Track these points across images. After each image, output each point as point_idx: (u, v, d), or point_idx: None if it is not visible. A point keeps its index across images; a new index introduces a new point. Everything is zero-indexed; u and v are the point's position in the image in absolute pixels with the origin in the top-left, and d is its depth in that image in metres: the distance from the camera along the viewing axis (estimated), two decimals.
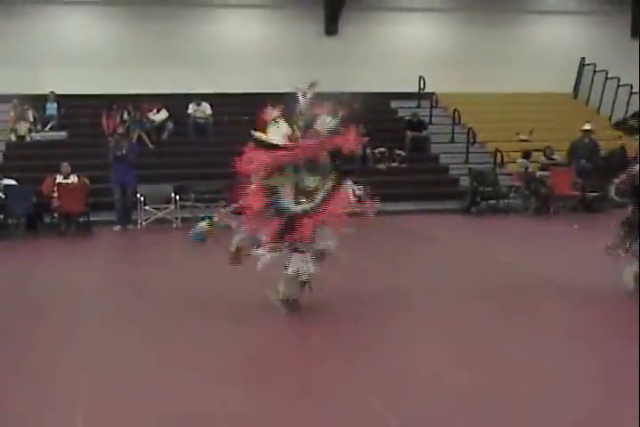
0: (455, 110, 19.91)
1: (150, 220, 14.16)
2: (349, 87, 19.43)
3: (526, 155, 17.18)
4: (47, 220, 13.83)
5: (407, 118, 19.47)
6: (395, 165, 18.11)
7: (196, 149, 17.58)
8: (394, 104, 21.00)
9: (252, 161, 6.97)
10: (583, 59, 21.90)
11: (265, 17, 21.35)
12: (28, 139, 17.74)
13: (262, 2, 21.34)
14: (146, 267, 9.73)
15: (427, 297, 7.53)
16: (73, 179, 14.03)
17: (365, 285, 8.25)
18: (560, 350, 5.60)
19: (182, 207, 14.39)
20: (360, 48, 21.21)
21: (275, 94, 19.88)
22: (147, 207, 14.25)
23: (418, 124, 19.13)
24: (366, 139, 17.63)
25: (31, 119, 17.87)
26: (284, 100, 7.29)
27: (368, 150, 17.98)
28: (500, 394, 4.65)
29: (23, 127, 17.71)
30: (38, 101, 18.25)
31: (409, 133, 18.90)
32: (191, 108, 18.33)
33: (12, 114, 17.83)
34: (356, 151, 17.76)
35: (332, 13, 21.29)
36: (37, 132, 17.89)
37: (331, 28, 21.47)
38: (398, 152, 18.31)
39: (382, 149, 18.13)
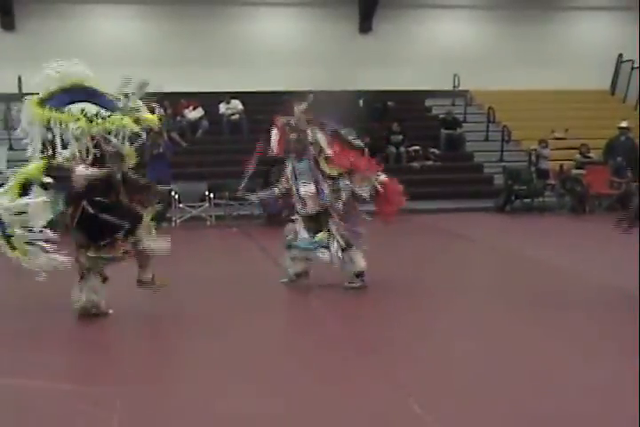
0: (490, 108, 19.78)
1: (184, 218, 14.21)
2: (383, 85, 19.51)
3: (543, 143, 17.15)
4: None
5: (441, 116, 19.40)
6: (429, 163, 18.03)
7: (230, 146, 17.62)
8: (428, 102, 20.91)
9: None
10: (620, 55, 21.64)
11: (299, 15, 21.35)
12: None
13: (297, 0, 21.34)
14: (194, 266, 9.58)
15: (462, 296, 7.45)
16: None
17: (399, 283, 8.19)
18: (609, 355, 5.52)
19: (216, 205, 14.44)
20: (394, 46, 21.15)
21: (309, 92, 19.97)
22: (181, 205, 14.31)
23: (452, 123, 19.03)
24: (400, 137, 17.83)
25: None
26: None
27: (402, 149, 17.93)
28: (539, 392, 4.58)
29: None
30: None
31: (443, 132, 18.82)
32: (222, 108, 18.41)
33: None
34: (389, 150, 17.76)
35: (367, 11, 21.24)
36: None
37: (365, 26, 21.42)
38: (432, 150, 18.24)
39: (416, 148, 18.07)
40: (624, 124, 17.15)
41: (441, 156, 18.29)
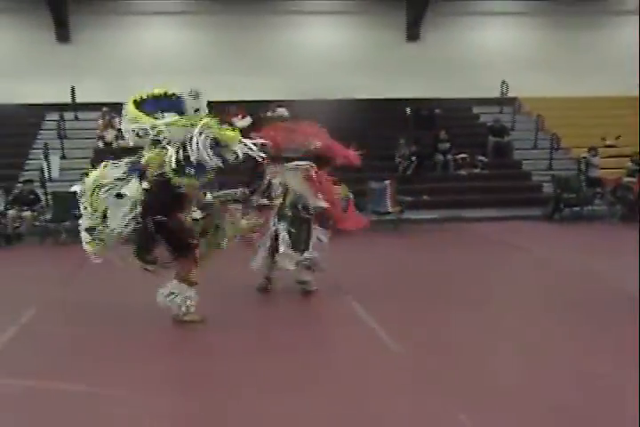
0: (539, 115, 19.64)
1: None
2: (430, 93, 19.51)
3: (592, 151, 16.99)
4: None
5: (489, 124, 19.31)
6: (476, 171, 17.96)
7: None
8: (476, 110, 20.82)
9: None
10: None
11: (346, 23, 21.43)
12: (114, 145, 18.19)
13: (343, 8, 21.42)
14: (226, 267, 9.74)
15: (512, 308, 7.43)
16: None
17: (447, 294, 8.20)
18: None
19: None
20: (442, 53, 21.13)
21: (356, 100, 20.19)
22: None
23: (500, 130, 18.94)
24: (448, 145, 17.80)
25: (118, 127, 18.32)
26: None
27: (449, 156, 17.90)
28: (598, 411, 4.56)
29: (110, 134, 18.18)
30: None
31: (491, 139, 18.74)
32: (269, 115, 18.48)
33: (100, 122, 18.36)
34: (436, 158, 17.74)
35: (415, 19, 21.26)
36: (123, 139, 18.29)
37: (412, 34, 21.44)
38: (480, 158, 18.17)
39: (464, 155, 18.01)
40: None
41: (488, 163, 18.21)
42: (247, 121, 7.23)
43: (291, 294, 7.80)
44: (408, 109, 19.51)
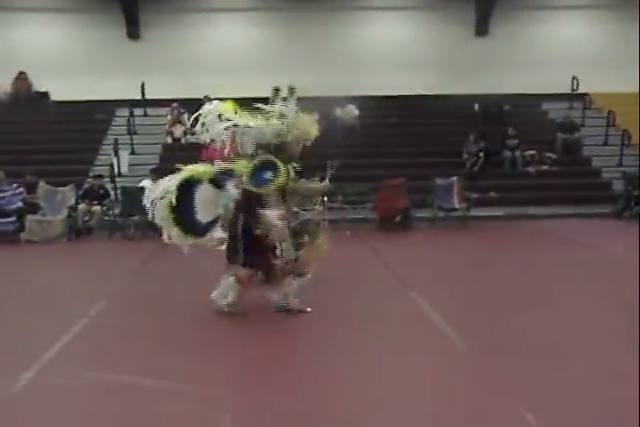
0: (610, 111, 19.26)
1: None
2: (499, 89, 19.29)
3: None
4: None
5: (559, 120, 19.02)
6: (545, 168, 17.71)
7: (342, 151, 17.73)
8: (545, 106, 20.52)
9: None
10: None
11: (414, 19, 21.32)
12: (182, 141, 18.41)
13: (412, 4, 21.32)
14: None
15: (578, 307, 7.31)
16: None
17: (513, 292, 8.10)
18: None
19: (329, 209, 14.54)
20: (511, 49, 20.89)
21: (424, 97, 20.09)
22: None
23: (570, 126, 18.64)
24: (516, 141, 17.60)
25: (187, 122, 18.54)
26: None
27: (517, 153, 17.69)
28: None
29: (179, 130, 18.41)
30: (194, 105, 18.89)
31: (560, 135, 18.45)
32: (338, 112, 18.54)
33: (169, 117, 18.61)
34: (504, 154, 17.55)
35: (484, 14, 21.05)
36: (192, 134, 18.51)
37: (481, 29, 21.22)
38: (549, 155, 17.91)
39: (532, 152, 17.78)
40: None
41: (557, 160, 17.93)
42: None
43: (354, 291, 7.80)
44: (476, 105, 19.34)
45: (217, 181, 6.94)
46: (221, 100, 7.10)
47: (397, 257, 8.17)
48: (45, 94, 20.65)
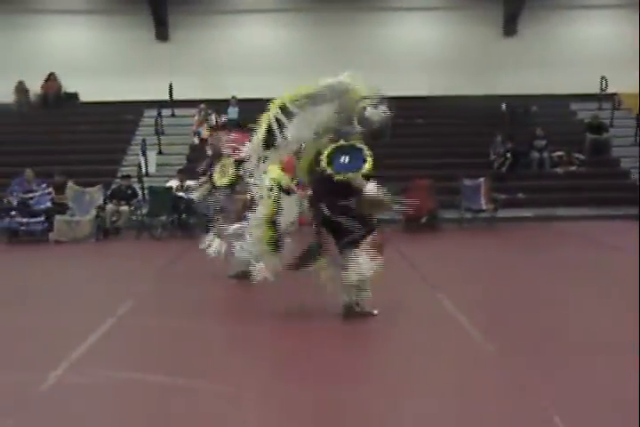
0: None
1: None
2: (526, 89, 19.19)
3: None
4: None
5: (587, 121, 18.89)
6: (573, 168, 17.60)
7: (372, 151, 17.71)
8: (573, 106, 20.39)
9: None
10: None
11: (442, 19, 21.28)
12: (209, 141, 18.46)
13: (440, 4, 21.27)
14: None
15: (604, 309, 7.25)
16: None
17: (539, 293, 8.05)
18: None
19: None
20: (539, 49, 20.79)
21: (451, 97, 20.01)
22: None
23: (598, 127, 18.50)
24: (544, 142, 17.49)
25: (213, 123, 18.62)
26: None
27: (545, 154, 17.59)
28: None
29: (206, 130, 18.48)
30: (221, 106, 19.05)
31: (589, 136, 18.32)
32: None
33: (196, 118, 18.71)
34: (532, 155, 17.45)
35: (512, 13, 20.95)
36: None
37: (510, 29, 21.14)
38: (577, 156, 17.79)
39: (560, 153, 17.67)
40: None
41: (586, 161, 17.81)
42: None
43: (380, 292, 7.77)
44: (503, 106, 19.24)
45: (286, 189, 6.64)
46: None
47: (424, 258, 8.13)
48: (75, 95, 20.86)
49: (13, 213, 13.42)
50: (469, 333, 6.20)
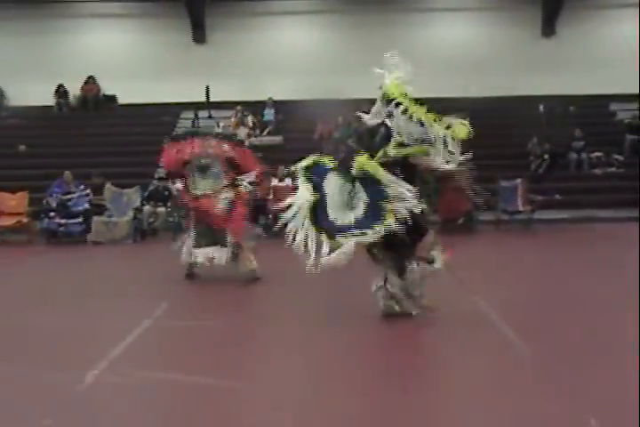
0: None
1: None
2: (565, 90, 19.04)
3: None
4: (262, 221, 14.28)
5: (627, 121, 18.68)
6: (612, 170, 17.41)
7: None
8: (613, 106, 20.18)
9: None
10: None
11: (479, 20, 21.18)
12: (246, 143, 18.55)
13: (477, 5, 21.18)
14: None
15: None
16: (287, 182, 14.44)
17: (578, 296, 7.97)
18: None
19: None
20: (578, 49, 20.62)
21: (488, 99, 19.87)
22: None
23: (638, 128, 18.28)
24: (582, 143, 17.32)
25: (250, 124, 18.71)
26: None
27: (584, 155, 17.42)
28: None
29: (242, 132, 18.57)
30: (257, 107, 19.14)
31: (628, 137, 18.12)
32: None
33: (233, 120, 18.80)
34: (570, 157, 17.28)
35: (550, 14, 20.79)
36: (255, 136, 18.71)
37: (548, 30, 20.97)
38: (616, 157, 17.59)
39: (599, 154, 17.49)
40: None
41: (625, 162, 17.61)
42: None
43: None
44: (541, 107, 19.09)
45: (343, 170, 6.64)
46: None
47: (460, 260, 8.06)
48: (113, 98, 21.07)
49: (52, 214, 13.59)
50: (506, 335, 6.16)
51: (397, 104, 6.59)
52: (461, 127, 6.69)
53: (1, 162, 17.88)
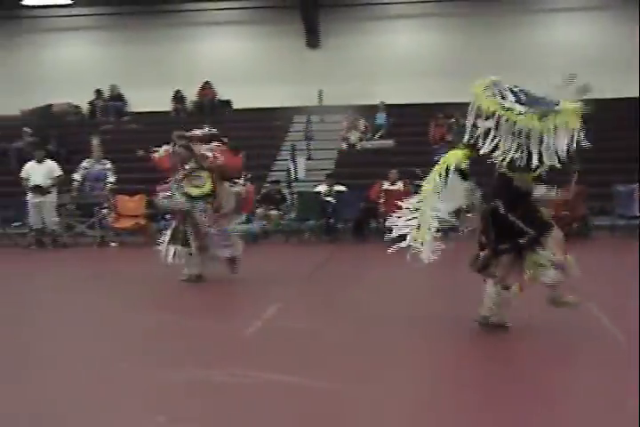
0: None
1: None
2: None
3: None
4: (373, 225, 14.32)
5: None
6: None
7: None
8: None
9: None
10: None
11: (582, 19, 20.76)
12: (357, 147, 18.66)
13: (585, 4, 20.70)
14: None
15: None
16: (399, 185, 14.37)
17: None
18: None
19: None
20: None
21: (601, 100, 19.19)
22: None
23: None
24: None
25: (362, 128, 18.79)
26: None
27: None
28: None
29: (354, 136, 18.68)
30: (369, 111, 19.19)
31: None
32: None
33: (344, 123, 18.92)
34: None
35: None
36: (367, 140, 18.78)
37: None
38: None
39: None
40: None
41: None
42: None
43: (527, 301, 7.65)
44: None
45: (465, 171, 6.31)
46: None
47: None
48: (228, 102, 21.51)
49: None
50: (622, 346, 6.01)
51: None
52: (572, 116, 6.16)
53: (121, 166, 18.49)
